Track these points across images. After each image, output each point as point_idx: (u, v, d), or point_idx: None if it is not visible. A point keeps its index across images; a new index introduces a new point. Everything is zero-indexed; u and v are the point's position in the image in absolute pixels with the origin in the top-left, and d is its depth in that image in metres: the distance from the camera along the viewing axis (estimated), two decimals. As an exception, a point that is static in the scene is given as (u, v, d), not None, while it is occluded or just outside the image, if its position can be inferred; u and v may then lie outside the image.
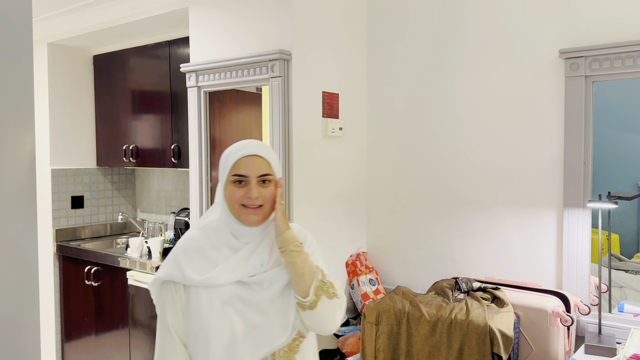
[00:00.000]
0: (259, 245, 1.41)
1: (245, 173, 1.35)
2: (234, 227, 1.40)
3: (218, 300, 1.35)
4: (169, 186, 3.95)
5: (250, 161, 1.36)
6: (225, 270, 1.37)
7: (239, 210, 1.36)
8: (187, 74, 2.73)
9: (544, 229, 2.30)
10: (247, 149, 1.37)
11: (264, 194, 1.36)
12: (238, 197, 1.35)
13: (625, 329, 2.05)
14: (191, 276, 1.36)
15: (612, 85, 2.25)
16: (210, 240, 1.41)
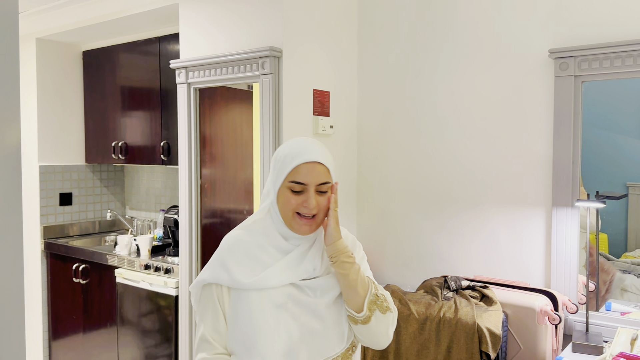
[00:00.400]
0: (311, 248, 1.33)
1: (305, 181, 1.27)
2: (284, 231, 1.32)
3: (271, 304, 1.27)
4: (158, 183, 3.93)
5: (310, 169, 1.27)
6: (276, 272, 1.29)
7: (292, 219, 1.29)
8: (177, 70, 2.72)
9: (533, 228, 2.31)
10: (309, 154, 1.28)
11: (321, 203, 1.28)
12: (294, 205, 1.28)
13: (612, 328, 2.06)
14: (240, 279, 1.28)
15: (600, 85, 2.26)
16: (258, 241, 1.33)
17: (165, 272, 2.99)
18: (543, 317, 2.00)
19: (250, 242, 1.32)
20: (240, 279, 1.28)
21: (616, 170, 2.35)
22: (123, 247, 3.28)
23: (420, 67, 2.62)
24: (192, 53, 2.71)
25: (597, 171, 2.33)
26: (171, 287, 2.92)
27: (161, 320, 3.01)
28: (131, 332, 3.18)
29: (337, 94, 2.71)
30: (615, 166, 2.34)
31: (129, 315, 3.18)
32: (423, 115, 2.62)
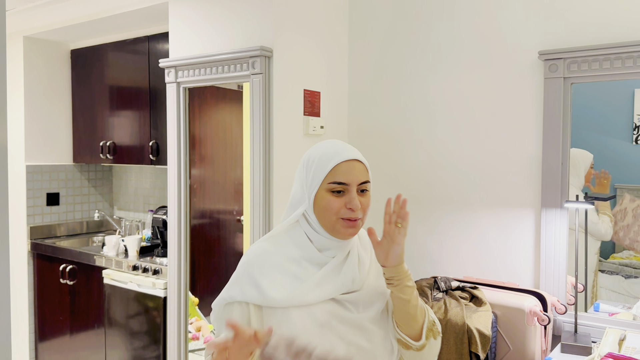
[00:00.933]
0: (347, 259, 1.23)
1: (347, 181, 1.18)
2: (321, 241, 1.22)
3: (314, 323, 1.16)
4: (147, 184, 3.90)
5: (351, 167, 1.20)
6: (313, 286, 1.18)
7: (335, 223, 1.19)
8: (166, 69, 2.70)
9: (522, 229, 2.32)
10: (346, 152, 1.21)
11: (365, 204, 1.21)
12: (337, 208, 1.18)
13: (600, 328, 2.07)
14: (273, 295, 1.16)
15: (589, 88, 2.28)
16: (289, 253, 1.22)
17: (154, 273, 2.96)
18: (532, 318, 2.01)
19: (280, 255, 1.22)
20: (273, 296, 1.16)
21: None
22: (111, 248, 3.25)
23: (411, 68, 2.62)
24: (182, 52, 2.70)
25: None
26: (159, 288, 2.90)
27: (149, 322, 2.99)
28: (119, 334, 3.15)
29: (328, 94, 2.70)
30: (605, 168, 2.36)
31: (117, 316, 3.15)
32: (414, 116, 2.62)
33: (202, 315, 3.59)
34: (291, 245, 1.23)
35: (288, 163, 2.47)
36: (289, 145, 2.47)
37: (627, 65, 2.04)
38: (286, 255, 1.22)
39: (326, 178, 1.19)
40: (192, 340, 3.49)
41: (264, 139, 2.36)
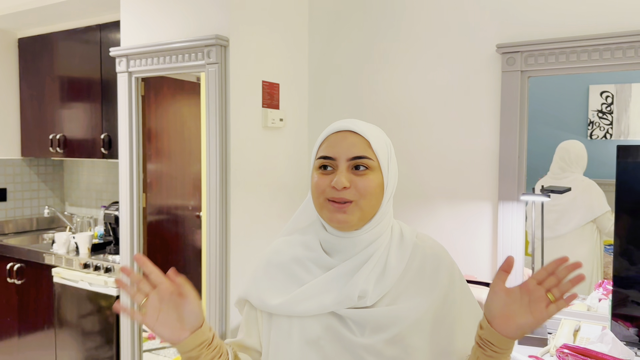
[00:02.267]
0: (364, 264, 1.00)
1: (332, 154, 0.99)
2: (324, 236, 1.04)
3: (301, 338, 0.99)
4: (100, 178, 3.76)
5: (340, 138, 1.00)
6: (310, 293, 1.00)
7: (323, 206, 1.00)
8: (117, 58, 2.59)
9: (480, 222, 2.33)
10: (339, 123, 1.03)
11: (358, 184, 0.98)
12: (322, 187, 0.99)
13: (556, 320, 2.09)
14: (266, 299, 1.04)
15: (547, 83, 2.30)
16: (295, 253, 1.07)
17: (106, 271, 2.85)
18: (490, 310, 2.01)
19: (287, 254, 1.07)
20: (266, 300, 1.03)
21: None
22: (61, 245, 3.11)
23: (371, 61, 2.59)
24: (134, 40, 2.59)
25: (544, 167, 2.37)
26: (112, 286, 2.79)
27: (102, 322, 2.88)
28: (70, 334, 3.03)
29: (287, 87, 2.65)
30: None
31: (68, 316, 3.03)
32: (374, 109, 2.59)
33: (159, 314, 3.48)
34: (299, 244, 1.08)
35: (247, 156, 2.40)
36: (247, 138, 2.41)
37: (582, 59, 2.06)
38: (292, 255, 1.06)
39: (317, 154, 1.03)
40: (148, 339, 3.38)
41: (220, 131, 2.28)
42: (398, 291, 1.00)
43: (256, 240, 2.45)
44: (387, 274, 1.00)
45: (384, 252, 1.03)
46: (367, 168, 0.99)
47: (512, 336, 0.88)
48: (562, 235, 2.37)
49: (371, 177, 0.99)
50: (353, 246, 1.01)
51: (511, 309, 0.87)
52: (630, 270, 1.82)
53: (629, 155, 1.83)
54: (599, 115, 2.35)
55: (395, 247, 1.04)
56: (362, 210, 0.98)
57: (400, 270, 1.02)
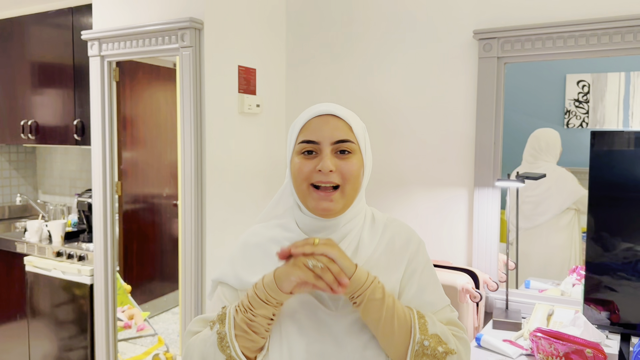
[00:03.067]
0: (338, 243, 1.01)
1: (316, 138, 0.99)
2: (301, 218, 1.05)
3: (280, 312, 1.01)
4: (74, 166, 3.69)
5: (323, 122, 1.00)
6: None
7: (306, 193, 1.00)
8: (89, 42, 2.52)
9: (456, 208, 2.33)
10: (319, 107, 1.03)
11: (343, 167, 0.99)
12: (306, 172, 0.99)
13: (530, 304, 2.12)
14: (244, 277, 1.04)
15: (523, 72, 2.31)
16: (274, 234, 1.08)
17: (79, 260, 2.80)
18: (464, 295, 2.02)
19: (264, 236, 1.08)
20: (244, 278, 1.04)
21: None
22: (33, 234, 3.05)
23: (348, 47, 2.57)
24: (106, 24, 2.53)
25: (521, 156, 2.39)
26: (85, 275, 2.74)
27: (76, 311, 2.83)
28: (43, 324, 2.97)
29: (264, 72, 2.61)
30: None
31: (41, 306, 2.97)
32: (351, 95, 2.57)
33: (135, 303, 3.44)
34: (278, 226, 1.09)
35: (222, 142, 2.37)
36: (223, 123, 2.37)
37: (557, 45, 2.07)
38: (270, 236, 1.08)
39: (297, 139, 1.02)
40: (125, 328, 3.34)
41: (195, 116, 2.24)
42: (369, 265, 1.04)
43: (232, 227, 2.42)
44: (360, 251, 1.04)
45: (357, 233, 1.06)
46: (350, 152, 1.01)
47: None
48: (539, 225, 2.40)
49: (354, 160, 1.01)
50: (332, 227, 1.04)
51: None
52: (604, 256, 1.84)
53: (603, 141, 1.84)
54: (576, 104, 2.37)
55: (368, 228, 1.09)
56: (346, 197, 1.01)
57: (373, 247, 1.07)
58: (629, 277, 1.80)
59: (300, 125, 1.03)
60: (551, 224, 2.38)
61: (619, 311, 1.82)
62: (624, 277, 1.81)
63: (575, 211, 2.34)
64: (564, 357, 1.64)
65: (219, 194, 2.36)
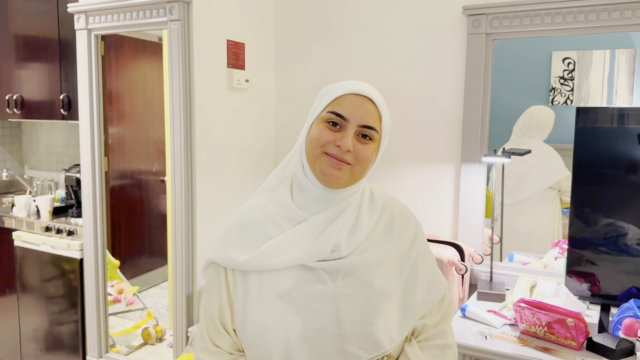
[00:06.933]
0: (336, 218, 1.03)
1: (346, 114, 1.00)
2: (305, 187, 1.04)
3: (273, 292, 1.00)
4: (60, 141, 3.66)
5: (359, 103, 1.01)
6: (279, 247, 1.01)
7: (319, 157, 1.00)
8: (76, 15, 2.48)
9: (443, 184, 2.37)
10: (359, 86, 1.03)
11: (360, 151, 1.00)
12: (325, 139, 0.99)
13: (514, 277, 2.17)
14: (233, 256, 1.03)
15: (510, 49, 2.32)
16: (267, 211, 1.06)
17: (68, 234, 2.80)
18: (450, 268, 2.07)
19: (257, 214, 1.07)
20: (233, 257, 1.03)
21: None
22: (21, 209, 3.04)
23: (338, 23, 2.56)
24: (93, -4, 2.49)
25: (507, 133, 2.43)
26: (75, 249, 2.75)
27: (66, 285, 2.84)
28: (33, 299, 2.98)
29: (253, 47, 2.60)
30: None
31: (30, 280, 2.98)
32: (341, 71, 2.58)
33: (124, 278, 3.46)
34: (271, 202, 1.08)
35: (211, 117, 2.37)
36: (212, 99, 2.37)
37: (545, 22, 2.08)
38: (263, 213, 1.06)
39: (327, 107, 1.02)
40: (114, 303, 3.37)
41: (184, 91, 2.23)
42: (368, 243, 1.04)
43: (222, 202, 2.44)
44: (358, 228, 1.04)
45: (355, 209, 1.06)
46: (370, 139, 1.02)
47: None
48: (523, 201, 2.44)
49: (372, 147, 1.02)
50: (329, 200, 1.04)
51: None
52: (585, 231, 1.89)
53: (587, 117, 1.88)
54: (561, 81, 2.40)
55: (367, 205, 1.09)
56: (353, 174, 1.02)
57: (371, 225, 1.07)
58: (610, 252, 1.86)
59: (335, 96, 1.02)
60: (535, 200, 2.43)
61: (599, 283, 1.88)
62: (604, 251, 1.87)
63: (557, 190, 2.39)
64: (546, 326, 1.70)
65: (208, 169, 2.36)
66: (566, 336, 1.67)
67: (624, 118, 1.85)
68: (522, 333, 1.77)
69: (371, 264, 1.02)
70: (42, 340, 2.98)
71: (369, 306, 0.99)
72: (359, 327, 0.98)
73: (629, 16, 1.96)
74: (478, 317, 1.86)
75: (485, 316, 1.85)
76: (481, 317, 1.86)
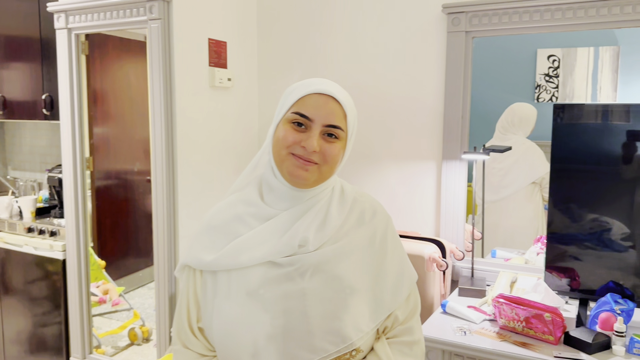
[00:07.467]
0: (304, 214, 1.03)
1: (311, 115, 1.00)
2: (274, 187, 1.04)
3: (242, 290, 1.00)
4: (44, 141, 3.63)
5: (322, 102, 1.00)
6: (247, 245, 1.01)
7: (285, 158, 1.00)
8: (56, 14, 2.47)
9: (426, 181, 2.38)
10: (323, 85, 1.02)
11: (327, 151, 1.00)
12: (290, 140, 1.00)
13: (495, 273, 2.19)
14: (201, 256, 1.04)
15: (495, 47, 2.34)
16: (236, 211, 1.06)
17: (51, 235, 2.79)
18: (431, 264, 2.08)
19: (227, 214, 1.07)
20: (201, 257, 1.03)
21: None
22: (3, 210, 3.02)
23: (320, 21, 2.57)
24: (73, -5, 2.47)
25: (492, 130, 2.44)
26: (58, 250, 2.73)
27: (49, 287, 2.82)
28: (16, 301, 2.96)
29: (236, 45, 2.60)
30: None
31: (13, 282, 2.96)
32: (324, 69, 2.58)
33: (110, 278, 3.44)
34: (240, 202, 1.08)
35: (193, 116, 2.36)
36: (194, 98, 2.36)
37: (524, 20, 2.10)
38: (233, 213, 1.06)
39: (291, 107, 1.02)
40: (99, 303, 3.35)
41: (165, 90, 2.23)
42: (337, 238, 1.05)
43: (205, 201, 2.43)
44: (327, 223, 1.04)
45: (325, 204, 1.06)
46: (337, 137, 1.02)
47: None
48: (507, 197, 2.46)
49: (338, 146, 1.02)
50: (298, 198, 1.04)
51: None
52: (564, 226, 1.91)
53: (564, 114, 1.90)
54: (546, 78, 2.41)
55: (337, 201, 1.08)
56: (321, 174, 1.02)
57: (340, 220, 1.07)
58: (589, 247, 1.87)
59: (298, 96, 1.02)
60: (518, 196, 2.45)
61: (579, 278, 1.90)
62: (584, 246, 1.88)
63: (539, 185, 2.41)
64: (524, 321, 1.71)
65: (191, 168, 2.36)
66: (544, 331, 1.68)
67: (600, 114, 1.87)
68: (501, 328, 1.78)
69: (340, 256, 1.02)
70: (26, 342, 2.96)
71: (337, 301, 1.00)
72: (327, 322, 0.98)
73: (594, 14, 1.98)
74: (458, 313, 1.87)
75: (465, 312, 1.86)
76: (461, 312, 1.87)
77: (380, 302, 1.05)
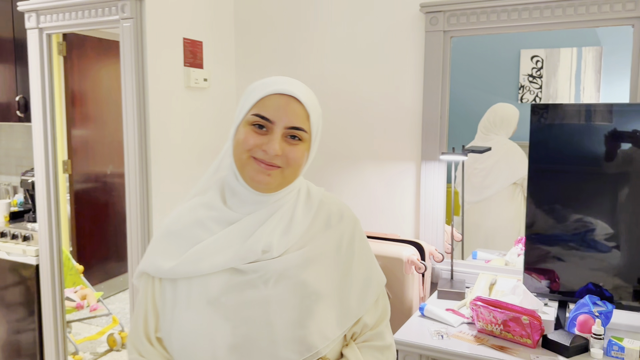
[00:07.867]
0: (268, 218, 0.99)
1: (272, 117, 0.95)
2: (237, 191, 1.00)
3: (202, 299, 0.95)
4: (19, 144, 3.56)
5: (284, 103, 0.96)
6: (208, 251, 0.96)
7: (246, 163, 0.96)
8: (27, 13, 2.41)
9: (405, 182, 2.35)
10: (284, 85, 0.97)
11: (289, 154, 0.96)
12: (251, 144, 0.95)
13: (475, 275, 2.16)
14: (159, 263, 0.99)
15: (478, 48, 2.32)
16: (197, 216, 1.01)
17: (24, 240, 2.72)
18: (410, 267, 2.05)
19: (187, 219, 1.02)
20: (160, 264, 0.98)
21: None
22: (-24, 214, 2.95)
23: (298, 21, 2.53)
24: (44, -6, 2.42)
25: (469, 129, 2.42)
26: (31, 255, 2.67)
27: (23, 292, 2.76)
28: (-10, 308, 2.90)
29: (212, 45, 2.55)
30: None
31: (-14, 288, 2.89)
32: (302, 69, 2.54)
33: (88, 283, 3.38)
34: (201, 206, 1.03)
35: (168, 117, 2.31)
36: (168, 99, 2.31)
37: (502, 19, 2.08)
38: (193, 218, 1.02)
39: (251, 109, 0.97)
40: (77, 309, 3.29)
41: (137, 92, 2.18)
42: (302, 243, 1.01)
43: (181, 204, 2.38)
44: (292, 227, 1.00)
45: (290, 208, 1.02)
46: (300, 139, 0.98)
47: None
48: (488, 198, 2.44)
49: (301, 148, 0.98)
50: (262, 202, 1.00)
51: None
52: (544, 227, 1.89)
53: (542, 114, 1.88)
54: (530, 79, 2.41)
55: (302, 204, 1.05)
56: (285, 177, 0.98)
57: (306, 224, 1.03)
58: (569, 248, 1.85)
59: (258, 97, 0.97)
60: (500, 196, 2.43)
61: (559, 279, 1.88)
62: (565, 247, 1.86)
63: (520, 186, 2.40)
64: (502, 324, 1.69)
65: (166, 171, 2.31)
66: (522, 334, 1.66)
67: (579, 114, 1.85)
68: (479, 331, 1.75)
69: (305, 261, 0.98)
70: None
71: (302, 308, 0.96)
72: (291, 330, 0.94)
73: (572, 13, 1.96)
74: (436, 316, 1.84)
75: (443, 315, 1.84)
76: (439, 316, 1.84)
77: (347, 308, 1.01)
